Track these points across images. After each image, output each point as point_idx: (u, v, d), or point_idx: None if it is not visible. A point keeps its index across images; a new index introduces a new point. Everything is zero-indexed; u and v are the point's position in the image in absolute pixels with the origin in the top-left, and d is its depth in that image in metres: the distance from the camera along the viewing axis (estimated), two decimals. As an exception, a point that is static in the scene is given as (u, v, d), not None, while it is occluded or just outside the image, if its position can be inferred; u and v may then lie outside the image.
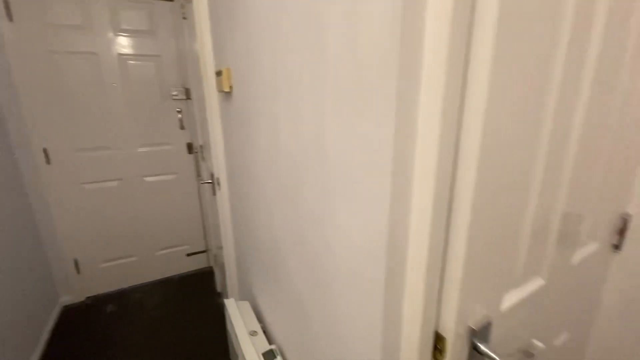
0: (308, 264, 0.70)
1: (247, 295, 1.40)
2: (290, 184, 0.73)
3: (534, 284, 0.61)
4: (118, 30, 1.94)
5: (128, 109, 2.08)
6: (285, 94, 0.68)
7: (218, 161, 1.38)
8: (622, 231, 0.84)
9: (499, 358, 0.48)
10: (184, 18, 1.88)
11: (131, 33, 1.98)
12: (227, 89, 1.05)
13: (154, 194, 2.30)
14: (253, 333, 1.09)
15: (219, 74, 1.10)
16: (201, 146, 2.02)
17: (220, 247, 1.75)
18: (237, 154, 1.16)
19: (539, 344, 0.51)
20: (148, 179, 2.25)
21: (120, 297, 2.26)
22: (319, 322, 0.70)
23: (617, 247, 0.86)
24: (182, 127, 2.24)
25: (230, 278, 1.59)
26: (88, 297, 2.24)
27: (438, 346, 0.50)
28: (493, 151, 0.42)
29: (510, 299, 0.57)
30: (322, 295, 0.66)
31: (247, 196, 1.12)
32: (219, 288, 2.31)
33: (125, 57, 2.00)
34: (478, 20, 0.37)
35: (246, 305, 1.25)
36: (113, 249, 2.25)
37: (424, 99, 0.39)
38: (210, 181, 1.61)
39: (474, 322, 0.51)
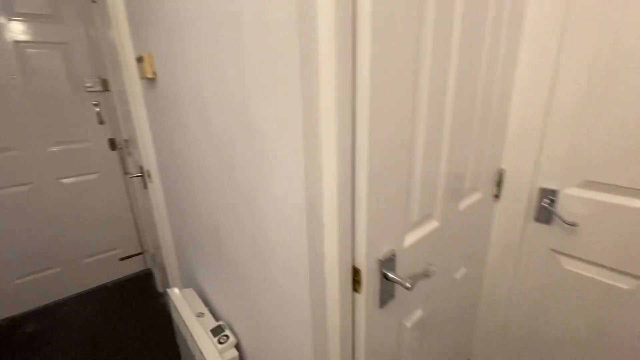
0: (245, 231, 0.77)
1: (191, 283, 1.41)
2: (222, 160, 0.78)
3: (430, 226, 0.77)
4: (11, 13, 1.71)
5: (32, 104, 1.86)
6: (210, 76, 0.72)
7: (147, 152, 1.34)
8: (499, 183, 1.07)
9: (401, 280, 0.61)
10: (93, 1, 1.73)
11: (28, 17, 1.76)
12: (150, 76, 1.04)
13: (74, 196, 2.10)
14: (200, 315, 1.12)
15: (139, 60, 1.07)
16: (126, 140, 1.91)
17: (158, 247, 1.69)
18: (167, 141, 1.16)
19: (433, 267, 0.66)
20: (65, 180, 2.05)
21: (44, 315, 2.05)
22: (259, 283, 0.77)
23: (497, 196, 1.08)
24: (101, 122, 2.07)
25: (171, 269, 1.57)
26: (3, 320, 1.99)
27: (356, 278, 0.61)
28: (381, 122, 0.53)
29: (412, 237, 0.71)
30: (259, 257, 0.74)
31: (182, 182, 1.13)
32: (160, 288, 2.23)
33: (23, 44, 1.77)
34: (359, 10, 0.47)
35: (190, 291, 1.26)
36: (29, 261, 2.02)
37: (323, 82, 0.47)
38: (139, 174, 1.54)
39: (382, 256, 0.63)
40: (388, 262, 0.64)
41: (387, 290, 0.66)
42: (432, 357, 0.98)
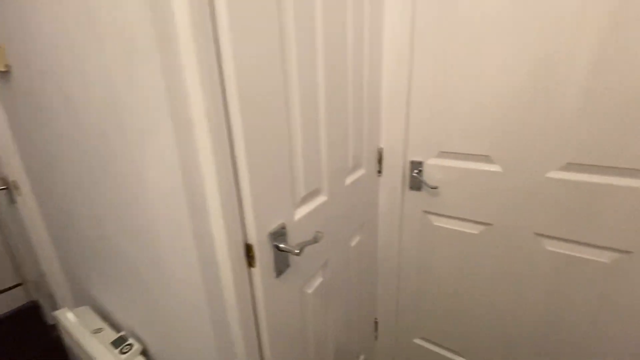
0: (129, 228, 0.75)
1: (87, 301, 1.27)
2: (97, 156, 0.74)
3: (319, 200, 0.86)
4: None
5: None
6: (73, 64, 0.67)
7: (9, 160, 1.15)
8: (380, 160, 1.24)
9: (291, 248, 0.69)
10: None
11: None
12: (2, 68, 0.90)
13: None
14: (97, 331, 1.03)
15: (-16, 51, 0.91)
16: (-20, 150, 1.58)
17: (42, 272, 1.45)
18: (34, 143, 1.01)
19: (320, 233, 0.75)
20: None
21: None
22: (152, 279, 0.76)
23: (379, 172, 1.26)
24: (-60, 131, 1.66)
25: (61, 292, 1.38)
26: None
27: (250, 253, 0.66)
28: (252, 106, 0.59)
29: (302, 211, 0.79)
30: (146, 251, 0.73)
31: (59, 189, 1.01)
32: (51, 320, 1.92)
33: None
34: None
35: (86, 309, 1.14)
36: None
37: (185, 60, 0.50)
38: (3, 187, 1.31)
39: (273, 230, 0.69)
40: (279, 235, 0.70)
41: (281, 260, 0.73)
42: (339, 321, 1.10)
